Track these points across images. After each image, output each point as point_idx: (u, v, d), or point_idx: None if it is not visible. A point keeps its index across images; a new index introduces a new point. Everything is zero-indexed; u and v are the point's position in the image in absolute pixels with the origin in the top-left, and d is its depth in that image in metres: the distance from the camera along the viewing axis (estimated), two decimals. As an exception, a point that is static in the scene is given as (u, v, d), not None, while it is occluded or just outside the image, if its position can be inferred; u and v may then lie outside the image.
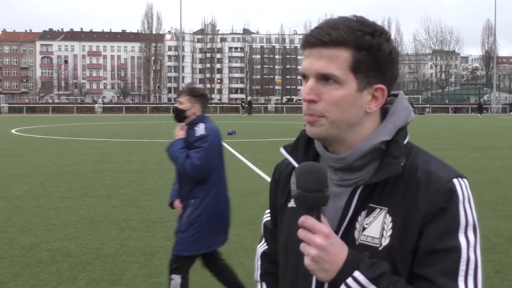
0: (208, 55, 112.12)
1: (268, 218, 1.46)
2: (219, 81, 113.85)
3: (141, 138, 21.57)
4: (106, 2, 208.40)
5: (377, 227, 1.13)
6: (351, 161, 1.17)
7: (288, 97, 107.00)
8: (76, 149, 16.68)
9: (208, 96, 4.19)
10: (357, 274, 1.05)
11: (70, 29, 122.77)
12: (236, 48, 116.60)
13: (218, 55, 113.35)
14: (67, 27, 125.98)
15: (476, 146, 18.32)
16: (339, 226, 1.16)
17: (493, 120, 43.07)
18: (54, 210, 7.58)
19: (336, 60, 1.11)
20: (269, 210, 1.45)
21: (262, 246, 1.49)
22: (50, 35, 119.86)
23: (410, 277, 1.10)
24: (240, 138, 21.14)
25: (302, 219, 1.05)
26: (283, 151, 1.31)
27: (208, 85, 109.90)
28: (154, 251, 5.59)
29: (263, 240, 1.50)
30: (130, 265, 5.15)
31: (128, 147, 17.35)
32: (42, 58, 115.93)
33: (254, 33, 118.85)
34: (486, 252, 5.38)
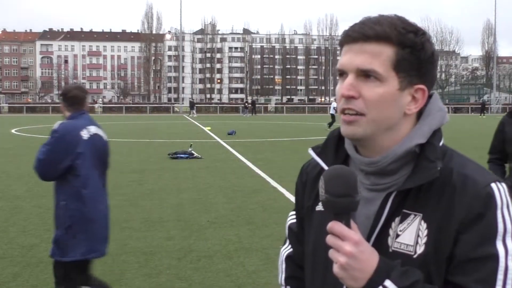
0: (208, 55, 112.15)
1: (294, 220, 1.40)
2: (219, 81, 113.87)
3: (141, 138, 21.55)
4: (106, 2, 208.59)
5: (411, 234, 1.08)
6: (384, 165, 1.12)
7: (288, 97, 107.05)
8: (76, 149, 16.66)
9: (76, 92, 3.77)
10: (388, 283, 1.00)
11: (70, 29, 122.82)
12: (236, 48, 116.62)
13: (218, 55, 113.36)
14: (67, 27, 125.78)
15: (476, 146, 18.31)
16: (371, 233, 1.11)
17: (493, 120, 43.04)
18: (54, 210, 7.58)
19: (378, 56, 1.07)
20: (294, 212, 1.40)
21: (286, 249, 1.43)
22: (50, 35, 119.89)
23: (444, 285, 1.06)
24: (240, 138, 21.14)
25: (331, 225, 1.01)
26: (311, 152, 1.25)
27: (208, 85, 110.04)
28: (154, 251, 5.59)
29: (288, 243, 1.44)
30: (130, 265, 5.15)
31: (128, 147, 17.33)
32: (42, 58, 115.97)
33: (254, 33, 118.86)
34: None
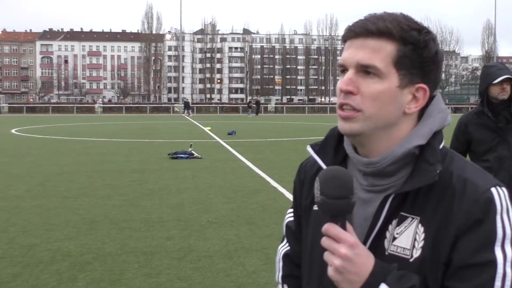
0: (208, 55, 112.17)
1: (291, 218, 1.39)
2: (219, 81, 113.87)
3: (141, 138, 21.56)
4: (106, 2, 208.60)
5: (408, 238, 1.07)
6: (383, 166, 1.10)
7: (288, 97, 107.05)
8: (76, 149, 16.67)
9: None
10: (383, 287, 0.99)
11: (70, 29, 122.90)
12: (236, 48, 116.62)
13: (218, 55, 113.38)
14: (67, 27, 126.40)
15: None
16: (368, 235, 1.09)
17: (493, 120, 42.98)
18: (54, 210, 7.58)
19: (379, 51, 1.06)
20: (292, 210, 1.38)
21: (284, 247, 1.42)
22: (50, 35, 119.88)
23: None
24: (240, 138, 21.14)
25: (326, 227, 1.00)
26: (310, 149, 1.23)
27: (208, 85, 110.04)
28: (154, 251, 5.59)
29: (285, 241, 1.42)
30: (130, 265, 5.15)
31: (128, 147, 17.33)
32: (42, 58, 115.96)
33: (254, 33, 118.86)
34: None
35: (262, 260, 5.25)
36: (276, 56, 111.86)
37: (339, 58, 1.14)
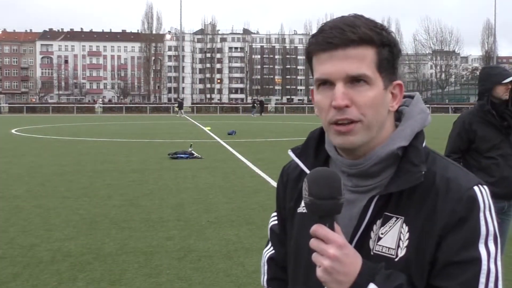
0: (208, 55, 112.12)
1: (275, 222, 1.39)
2: (219, 81, 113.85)
3: (141, 138, 21.56)
4: (106, 2, 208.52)
5: (393, 237, 1.08)
6: (367, 167, 1.11)
7: (288, 97, 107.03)
8: (76, 149, 16.67)
9: None
10: (372, 286, 0.99)
11: (70, 29, 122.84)
12: (236, 48, 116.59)
13: (218, 55, 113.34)
14: (67, 27, 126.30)
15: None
16: (353, 235, 1.11)
17: (493, 120, 42.99)
18: (54, 210, 7.58)
19: (364, 59, 1.06)
20: (275, 213, 1.38)
21: (268, 251, 1.43)
22: (50, 35, 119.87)
23: None
24: (240, 138, 21.14)
25: (315, 228, 0.99)
26: (291, 153, 1.25)
27: (208, 85, 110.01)
28: (154, 251, 5.59)
29: (270, 244, 1.43)
30: (130, 265, 5.16)
31: (128, 147, 17.34)
32: (42, 58, 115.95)
33: (254, 33, 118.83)
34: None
35: (262, 260, 5.25)
36: (276, 56, 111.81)
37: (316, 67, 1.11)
